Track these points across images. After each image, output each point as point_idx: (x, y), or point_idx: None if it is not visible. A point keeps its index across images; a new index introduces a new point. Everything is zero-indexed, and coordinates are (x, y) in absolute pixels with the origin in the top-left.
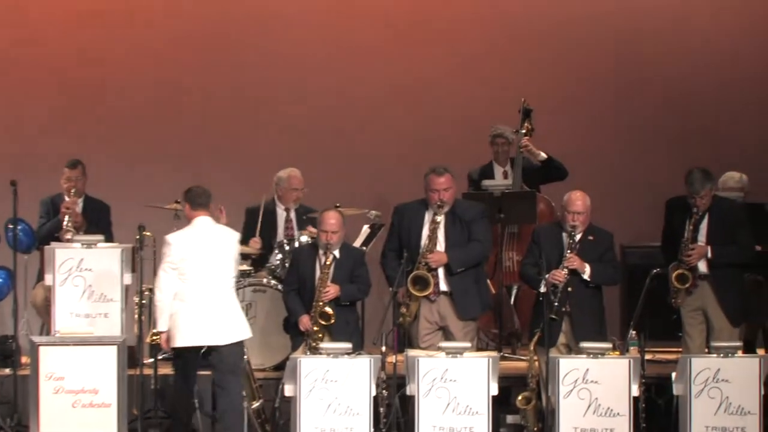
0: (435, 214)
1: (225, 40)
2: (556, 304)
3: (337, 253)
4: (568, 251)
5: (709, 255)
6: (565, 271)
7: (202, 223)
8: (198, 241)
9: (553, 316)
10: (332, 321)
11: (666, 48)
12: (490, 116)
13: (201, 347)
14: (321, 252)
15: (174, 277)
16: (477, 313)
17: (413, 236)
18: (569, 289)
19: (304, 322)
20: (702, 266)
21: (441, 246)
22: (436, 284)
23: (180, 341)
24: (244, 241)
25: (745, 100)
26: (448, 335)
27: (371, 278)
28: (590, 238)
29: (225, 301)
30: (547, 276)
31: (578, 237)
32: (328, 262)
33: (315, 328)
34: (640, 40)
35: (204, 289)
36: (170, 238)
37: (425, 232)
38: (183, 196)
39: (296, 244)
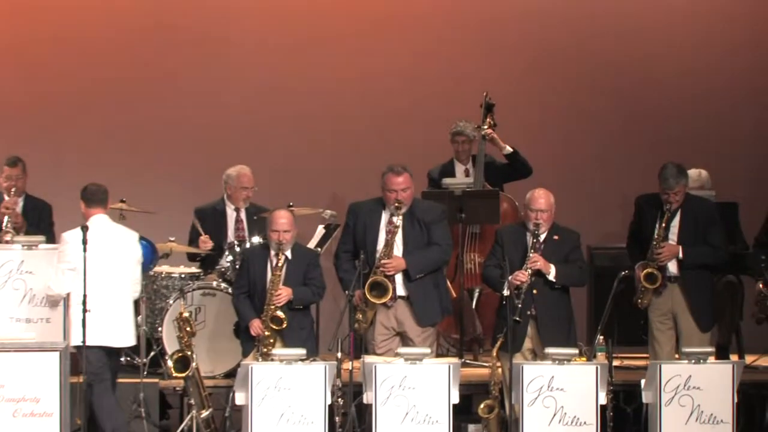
0: (392, 215)
1: (173, 36)
2: (519, 306)
3: (288, 254)
4: (532, 251)
5: (680, 255)
6: (529, 271)
7: (98, 221)
8: (93, 239)
9: (517, 318)
10: (284, 325)
11: (635, 45)
12: (451, 112)
13: (106, 350)
14: (272, 253)
15: (71, 276)
16: (436, 319)
17: (369, 237)
18: (534, 291)
19: (255, 326)
20: (672, 267)
21: (399, 249)
22: (394, 289)
23: (76, 340)
24: (192, 241)
25: (715, 98)
26: (405, 341)
27: (326, 280)
28: (555, 237)
29: (121, 303)
30: (509, 278)
31: (542, 236)
32: (279, 264)
33: (266, 333)
34: (609, 37)
35: (100, 288)
36: (66, 236)
37: (382, 234)
38: (80, 194)
39: (247, 245)
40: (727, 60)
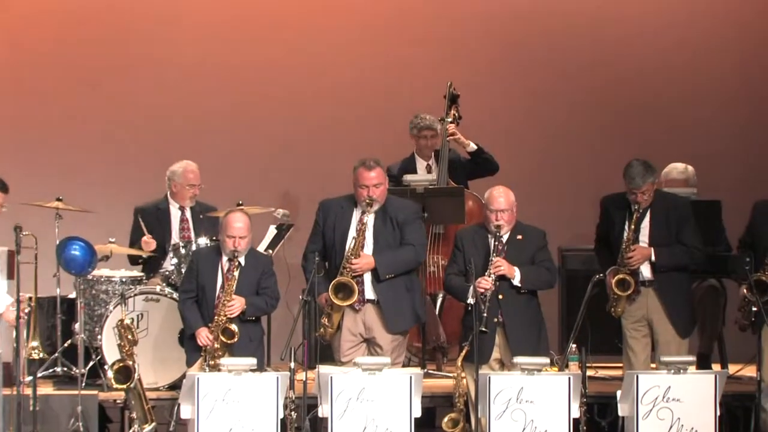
0: (363, 212)
1: (111, 29)
2: (485, 315)
3: (242, 260)
4: (494, 255)
5: (653, 258)
6: (492, 277)
7: None
8: None
9: (483, 329)
10: (236, 339)
11: (614, 37)
12: (412, 103)
13: None
14: (225, 259)
15: None
16: (408, 326)
17: (338, 236)
18: (500, 296)
19: (203, 336)
20: (646, 271)
21: (369, 249)
22: (362, 292)
23: None
24: (134, 243)
25: (698, 93)
26: (373, 349)
27: (279, 286)
28: (519, 237)
29: None
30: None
31: (505, 237)
32: (234, 272)
33: (216, 346)
34: (586, 29)
35: None
36: None
37: (352, 234)
38: None
39: (193, 247)
40: (711, 55)
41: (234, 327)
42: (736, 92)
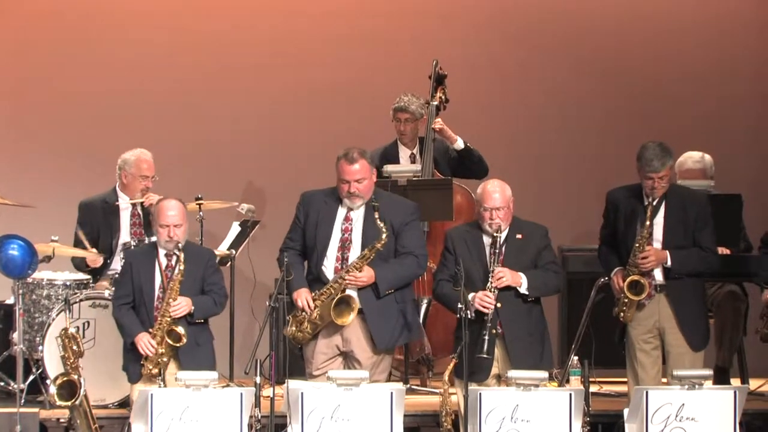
0: (349, 210)
1: (56, 19)
2: (486, 337)
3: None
4: (494, 265)
5: (668, 262)
6: (495, 292)
7: None
8: None
9: (485, 355)
10: (183, 342)
11: (624, 12)
12: (395, 84)
13: None
14: (161, 253)
15: None
16: (395, 342)
17: (321, 236)
18: (498, 305)
19: (144, 342)
20: (658, 275)
21: (356, 251)
22: (360, 309)
23: None
24: (79, 242)
25: (711, 78)
26: (351, 364)
27: (241, 287)
28: (518, 236)
29: None
30: (475, 303)
31: (503, 237)
32: (182, 267)
33: (161, 351)
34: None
35: None
36: None
37: (336, 233)
38: None
39: None
40: (727, 41)
41: (180, 329)
42: (753, 81)
